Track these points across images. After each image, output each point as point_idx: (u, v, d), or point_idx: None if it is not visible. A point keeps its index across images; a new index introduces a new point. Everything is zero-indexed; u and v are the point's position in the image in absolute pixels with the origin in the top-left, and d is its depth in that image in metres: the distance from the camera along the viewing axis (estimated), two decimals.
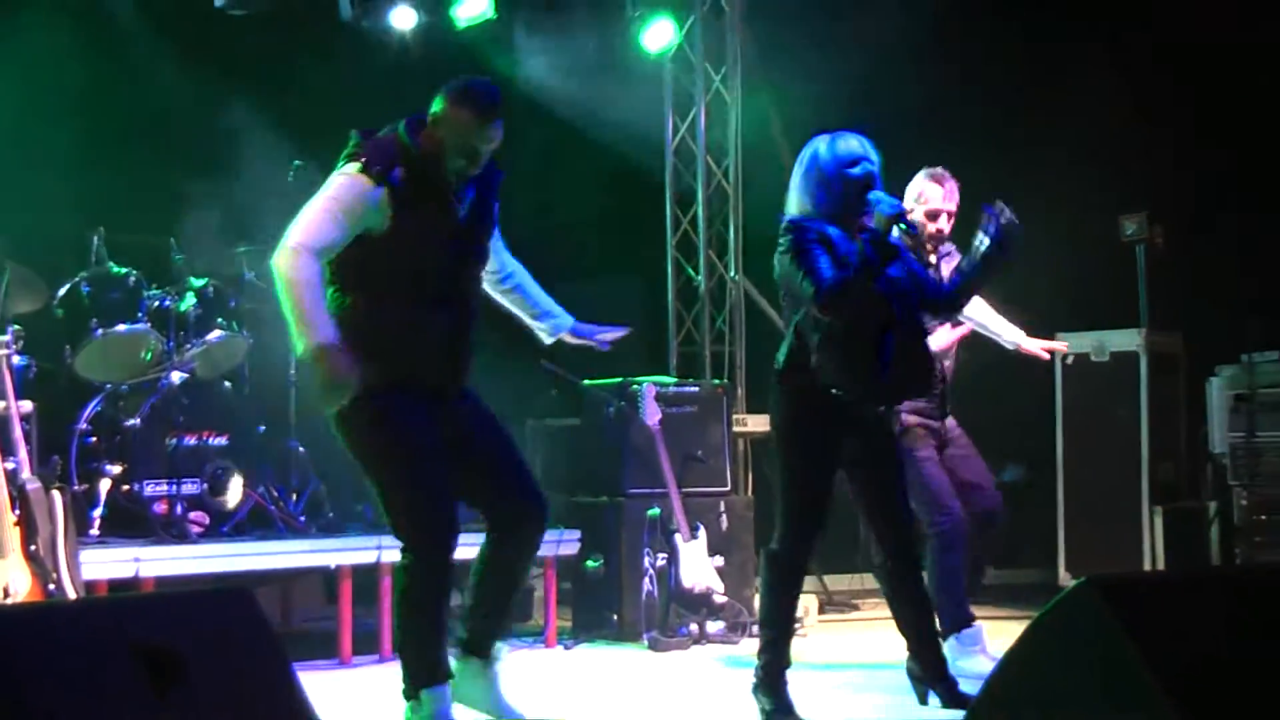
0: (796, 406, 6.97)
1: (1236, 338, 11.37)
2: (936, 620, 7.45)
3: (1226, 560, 11.54)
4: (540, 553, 9.76)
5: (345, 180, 6.47)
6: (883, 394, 7.07)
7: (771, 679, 6.92)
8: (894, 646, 7.55)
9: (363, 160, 6.46)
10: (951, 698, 7.17)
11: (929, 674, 7.28)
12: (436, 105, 6.58)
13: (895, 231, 6.90)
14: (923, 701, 7.30)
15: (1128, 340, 11.87)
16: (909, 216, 7.23)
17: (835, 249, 6.79)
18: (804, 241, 6.81)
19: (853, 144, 6.97)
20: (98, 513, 8.95)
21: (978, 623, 8.27)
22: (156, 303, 9.61)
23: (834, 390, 6.86)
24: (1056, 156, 12.53)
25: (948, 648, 7.79)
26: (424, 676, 6.49)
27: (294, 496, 9.82)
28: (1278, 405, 11.35)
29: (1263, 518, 11.27)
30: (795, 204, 7.00)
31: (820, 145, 7.00)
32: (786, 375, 6.97)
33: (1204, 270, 12.40)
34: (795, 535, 6.98)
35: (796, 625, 7.36)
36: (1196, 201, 12.76)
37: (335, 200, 6.43)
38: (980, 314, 8.76)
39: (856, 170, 6.92)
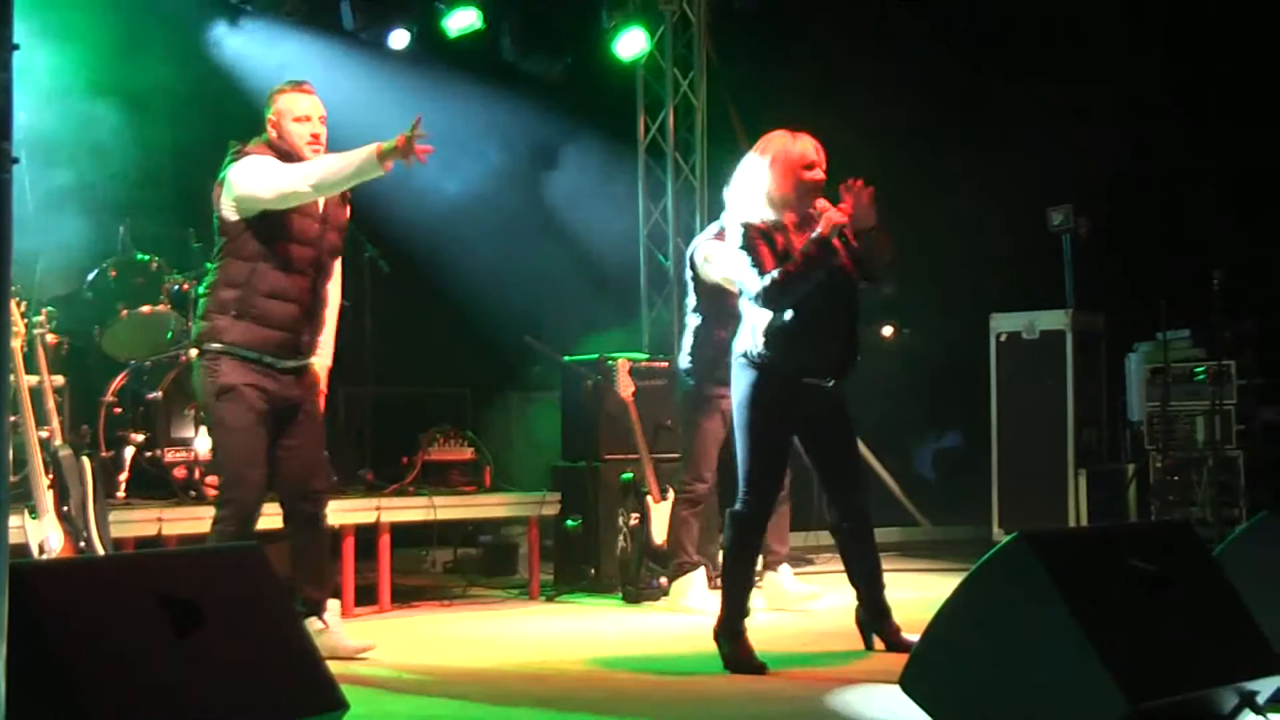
0: (753, 382, 6.96)
1: (1152, 318, 11.41)
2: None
3: (1143, 516, 11.60)
4: (524, 513, 9.86)
5: (252, 158, 6.90)
6: (826, 369, 7.06)
7: (733, 626, 6.94)
8: (843, 598, 7.57)
9: (246, 152, 6.95)
10: (895, 643, 7.19)
11: (875, 621, 7.31)
12: (267, 108, 7.05)
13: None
14: (868, 646, 7.32)
15: (1055, 320, 11.92)
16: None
17: (776, 245, 6.80)
18: (749, 239, 6.82)
19: (808, 146, 6.95)
20: (123, 477, 8.93)
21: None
22: (177, 286, 9.59)
23: (775, 369, 6.88)
24: (991, 154, 12.56)
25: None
26: None
27: None
28: (1188, 378, 11.40)
29: (1175, 478, 11.32)
30: (744, 193, 6.98)
31: (778, 141, 6.98)
32: (742, 356, 6.99)
33: (1123, 257, 12.45)
34: (756, 497, 6.99)
35: (755, 578, 7.37)
36: (1117, 195, 12.81)
37: (266, 162, 6.89)
38: None
39: (810, 173, 6.91)
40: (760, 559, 8.25)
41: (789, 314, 6.81)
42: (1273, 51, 12.25)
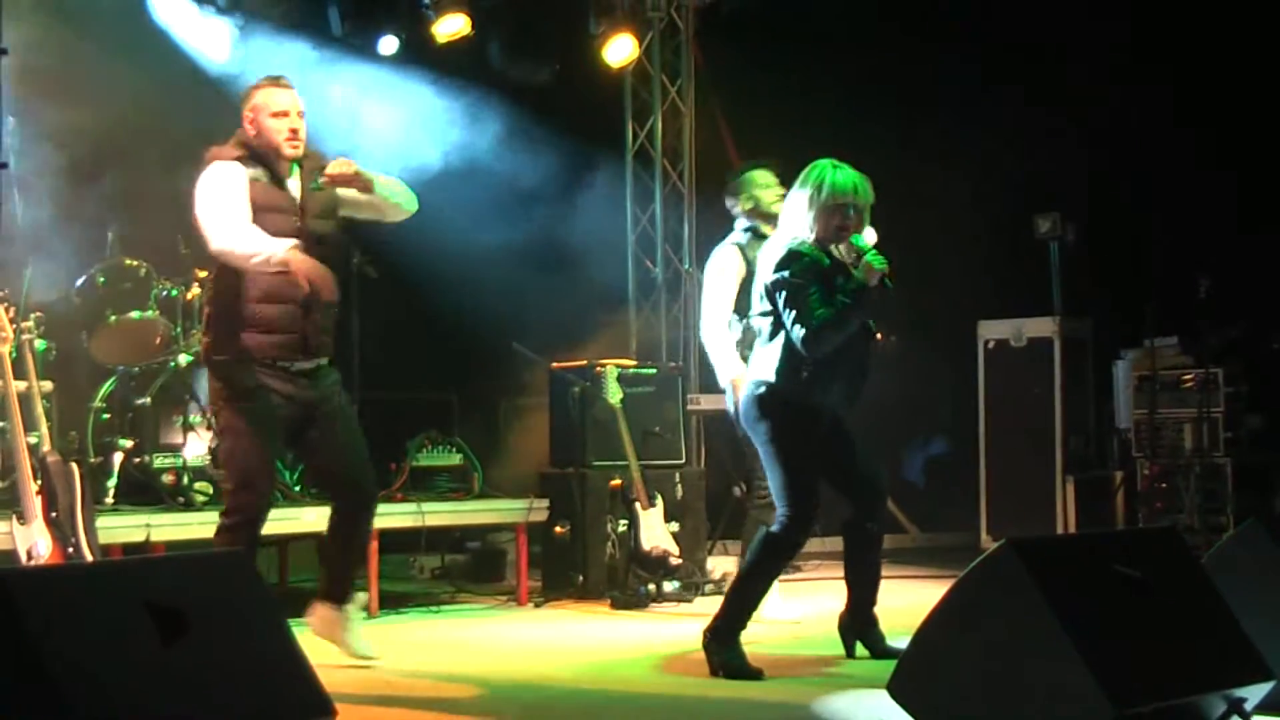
0: (793, 409, 6.91)
1: (1139, 324, 11.43)
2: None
3: (1131, 523, 11.60)
4: (512, 520, 9.84)
5: (212, 171, 6.83)
6: (858, 396, 7.10)
7: (730, 635, 6.92)
8: (827, 605, 7.56)
9: (212, 157, 6.87)
10: (879, 650, 7.20)
11: (861, 628, 7.30)
12: (244, 104, 6.97)
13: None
14: (850, 654, 7.32)
15: (1043, 327, 11.94)
16: None
17: (827, 282, 6.81)
18: (801, 277, 6.79)
19: (849, 182, 6.91)
20: (111, 483, 8.90)
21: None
22: (165, 292, 9.57)
23: (808, 402, 6.89)
24: (978, 161, 12.56)
25: None
26: None
27: (289, 469, 9.80)
28: (1176, 385, 11.41)
29: (1163, 485, 11.33)
30: (793, 221, 6.96)
31: (825, 173, 6.91)
32: (781, 384, 6.88)
33: (1110, 264, 12.46)
34: (798, 521, 6.93)
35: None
36: (1105, 202, 12.82)
37: (218, 189, 6.79)
38: None
39: (850, 211, 6.89)
40: None
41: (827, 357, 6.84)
42: (1263, 56, 12.26)
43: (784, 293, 6.81)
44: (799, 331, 6.74)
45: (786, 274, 6.82)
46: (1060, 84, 12.68)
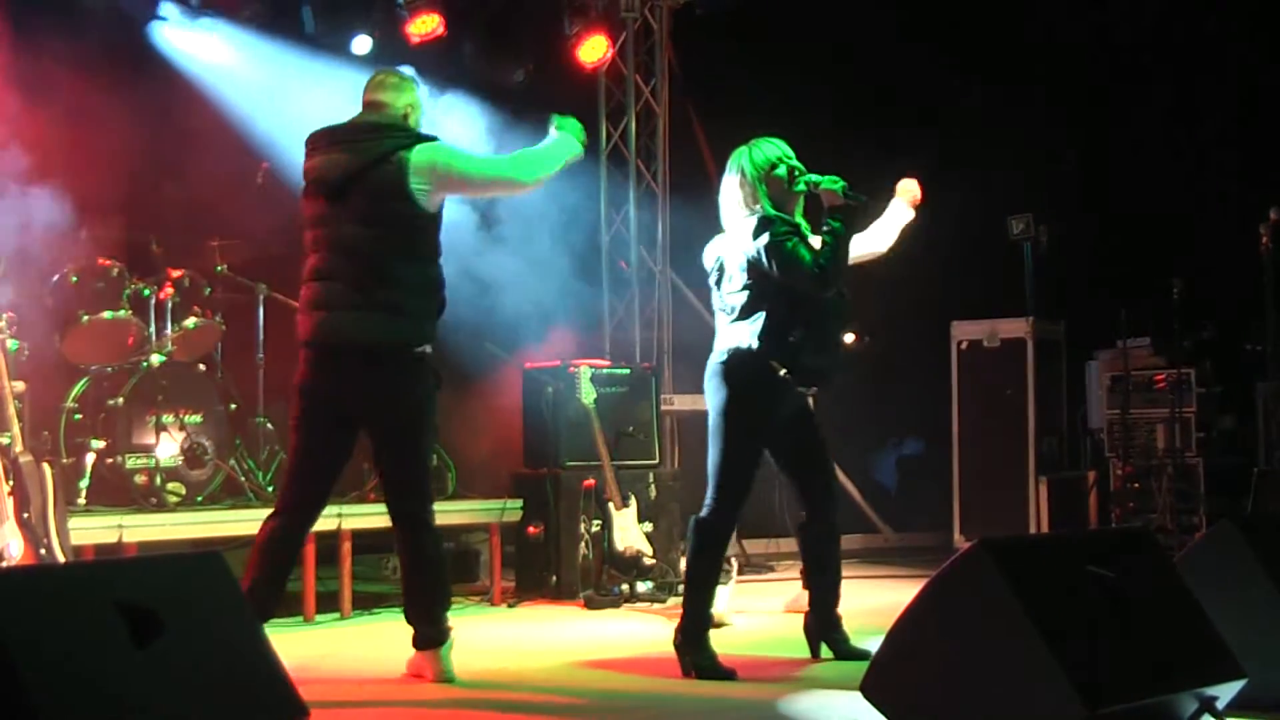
0: (749, 385, 6.88)
1: (1112, 326, 11.47)
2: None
3: (1104, 523, 11.65)
4: (486, 520, 9.84)
5: None
6: (837, 369, 7.09)
7: (695, 634, 6.92)
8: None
9: None
10: (844, 651, 7.18)
11: (825, 629, 7.28)
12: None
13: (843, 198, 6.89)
14: (815, 655, 7.31)
15: (1016, 328, 11.98)
16: None
17: (806, 237, 6.86)
18: (784, 234, 6.82)
19: (768, 148, 7.00)
20: (84, 484, 8.88)
21: None
22: (138, 292, 9.55)
23: (795, 368, 6.85)
24: (952, 162, 12.59)
25: None
26: None
27: (262, 469, 9.79)
28: (1148, 386, 11.46)
29: (1135, 485, 11.38)
30: (741, 206, 6.99)
31: (743, 158, 7.02)
32: (764, 350, 6.83)
33: (1083, 265, 12.51)
34: (726, 504, 6.94)
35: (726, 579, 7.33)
36: (1078, 203, 12.86)
37: None
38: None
39: (780, 170, 6.94)
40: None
41: (817, 314, 6.84)
42: (1236, 59, 12.32)
43: (774, 252, 6.80)
44: (807, 274, 6.74)
45: (768, 236, 6.83)
46: (1034, 85, 12.72)
